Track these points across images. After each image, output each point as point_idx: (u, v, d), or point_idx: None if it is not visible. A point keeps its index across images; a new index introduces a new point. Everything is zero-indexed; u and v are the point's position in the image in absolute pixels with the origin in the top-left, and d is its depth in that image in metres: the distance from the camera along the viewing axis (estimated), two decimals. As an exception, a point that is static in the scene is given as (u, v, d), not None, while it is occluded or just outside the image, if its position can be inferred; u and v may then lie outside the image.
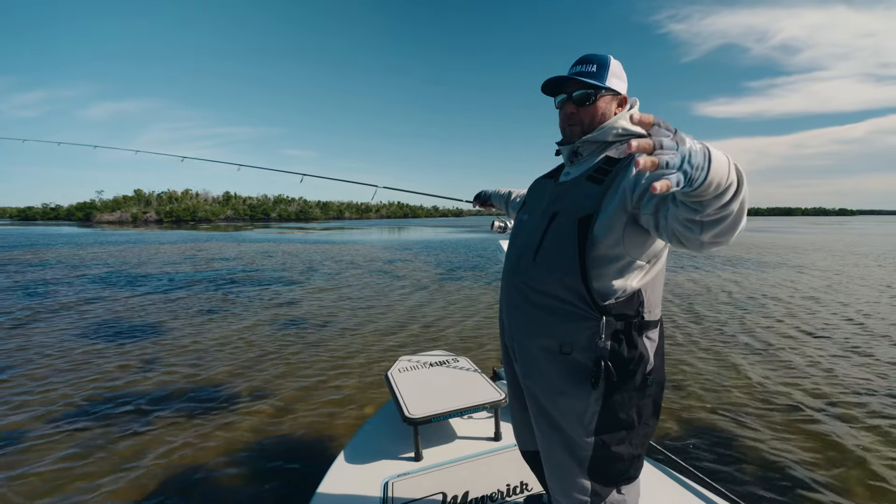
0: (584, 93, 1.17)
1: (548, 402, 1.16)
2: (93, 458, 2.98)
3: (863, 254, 18.01)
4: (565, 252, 1.08)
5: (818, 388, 4.13)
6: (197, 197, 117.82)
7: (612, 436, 1.10)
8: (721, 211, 0.76)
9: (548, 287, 1.12)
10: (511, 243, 1.34)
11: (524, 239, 1.23)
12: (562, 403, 1.13)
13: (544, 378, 1.16)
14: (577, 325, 1.09)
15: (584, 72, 1.17)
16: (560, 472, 1.17)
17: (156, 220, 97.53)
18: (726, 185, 0.72)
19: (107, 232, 42.24)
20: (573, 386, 1.10)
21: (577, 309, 1.08)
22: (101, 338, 5.86)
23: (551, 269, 1.10)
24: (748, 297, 8.69)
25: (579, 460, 1.13)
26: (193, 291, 9.51)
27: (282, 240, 29.14)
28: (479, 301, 8.46)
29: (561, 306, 1.10)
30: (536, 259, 1.14)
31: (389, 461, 1.98)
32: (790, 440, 3.18)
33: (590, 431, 1.10)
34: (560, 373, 1.12)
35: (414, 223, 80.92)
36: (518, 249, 1.25)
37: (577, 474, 1.13)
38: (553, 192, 1.23)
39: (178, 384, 4.26)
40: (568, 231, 1.08)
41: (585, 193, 1.09)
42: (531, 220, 1.25)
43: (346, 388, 4.15)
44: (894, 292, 9.21)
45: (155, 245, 23.59)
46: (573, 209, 1.10)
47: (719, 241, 0.83)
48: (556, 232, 1.12)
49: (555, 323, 1.12)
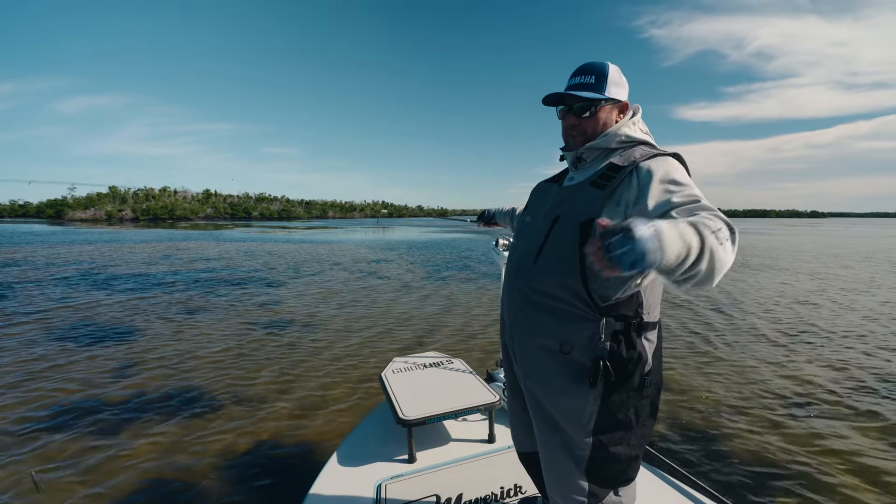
0: (584, 106, 1.20)
1: (547, 401, 1.17)
2: (70, 467, 2.86)
3: (840, 255, 18.72)
4: (567, 255, 1.09)
5: (811, 389, 4.24)
6: (175, 194, 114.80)
7: (609, 436, 1.11)
8: (688, 272, 0.78)
9: (549, 288, 1.13)
10: (514, 245, 1.36)
11: (527, 241, 1.24)
12: (561, 403, 1.14)
13: (544, 378, 1.17)
14: (577, 326, 1.10)
15: (583, 83, 1.19)
16: (558, 472, 1.17)
17: (132, 218, 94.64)
18: (685, 256, 0.75)
19: (79, 230, 40.78)
20: (572, 385, 1.11)
21: (577, 310, 1.09)
22: (72, 341, 5.64)
23: (552, 271, 1.12)
24: (737, 299, 8.92)
25: (577, 461, 1.14)
26: (171, 292, 9.26)
27: (264, 239, 28.66)
28: (472, 302, 8.48)
29: (561, 307, 1.11)
30: (538, 261, 1.16)
31: (382, 463, 1.96)
32: (783, 442, 3.25)
33: (588, 431, 1.11)
34: (560, 372, 1.13)
35: (399, 223, 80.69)
36: (520, 251, 1.26)
37: (574, 475, 1.14)
38: (556, 196, 1.24)
39: (158, 389, 4.13)
40: (570, 234, 1.10)
41: (588, 198, 1.11)
42: (534, 222, 1.27)
43: (337, 390, 4.10)
44: (880, 294, 9.59)
45: (130, 244, 22.90)
46: (576, 213, 1.11)
47: (700, 289, 0.85)
48: (558, 235, 1.13)
49: (555, 323, 1.13)
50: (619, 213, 1.05)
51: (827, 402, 3.91)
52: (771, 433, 3.35)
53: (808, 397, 4.02)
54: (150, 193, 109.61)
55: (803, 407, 3.81)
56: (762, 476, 2.82)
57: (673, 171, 1.05)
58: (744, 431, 3.38)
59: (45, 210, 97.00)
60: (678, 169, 1.06)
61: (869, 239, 32.87)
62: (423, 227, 54.98)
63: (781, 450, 3.12)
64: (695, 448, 3.14)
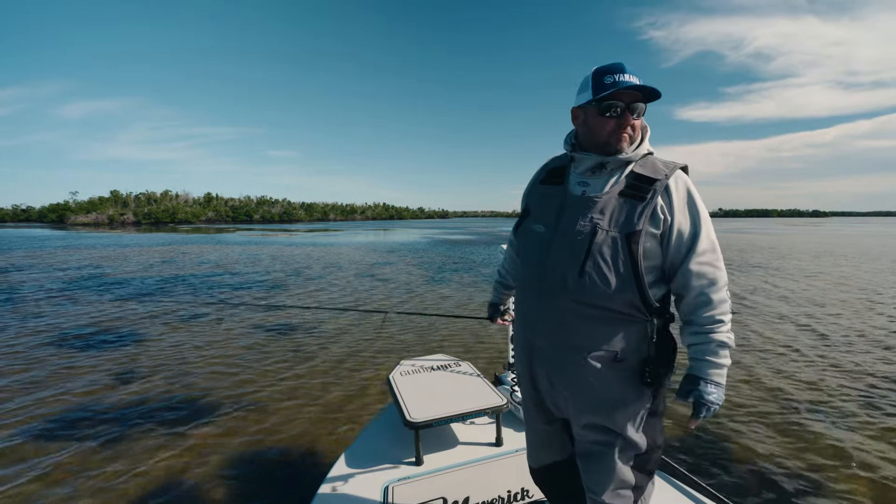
0: (645, 106, 1.16)
1: (606, 412, 1.16)
2: (75, 474, 2.85)
3: (849, 255, 18.65)
4: (619, 267, 1.09)
5: (812, 389, 4.22)
6: (177, 198, 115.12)
7: (652, 427, 1.19)
8: None
9: (600, 301, 1.11)
10: (530, 256, 1.26)
11: (555, 253, 1.18)
12: (622, 409, 1.16)
13: (603, 389, 1.15)
14: (630, 331, 1.13)
15: (640, 84, 1.11)
16: (609, 473, 1.18)
17: (133, 221, 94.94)
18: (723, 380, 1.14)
19: (82, 234, 40.89)
20: (631, 389, 1.15)
21: (630, 317, 1.12)
22: (75, 347, 5.65)
23: (605, 284, 1.10)
24: (739, 298, 8.89)
25: (628, 458, 1.18)
26: (174, 296, 9.28)
27: (266, 242, 28.69)
28: (478, 304, 8.47)
29: (615, 316, 1.12)
30: (584, 275, 1.11)
31: (390, 465, 1.96)
32: (782, 441, 3.24)
33: (640, 429, 1.17)
34: (618, 380, 1.15)
35: (400, 224, 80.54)
36: (550, 265, 1.18)
37: (625, 472, 1.17)
38: (579, 204, 1.17)
39: (162, 395, 4.12)
40: (618, 247, 1.10)
41: (627, 210, 1.11)
42: (549, 231, 1.21)
43: (345, 392, 4.10)
44: (879, 296, 9.55)
45: (135, 248, 22.96)
46: (618, 226, 1.10)
47: None
48: (603, 248, 1.10)
49: (609, 333, 1.13)
50: (658, 223, 1.11)
51: (832, 403, 3.89)
52: (770, 432, 3.33)
53: (813, 398, 4.00)
54: (151, 197, 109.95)
55: (803, 406, 3.80)
56: (758, 474, 2.81)
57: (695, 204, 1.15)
58: (741, 431, 3.36)
59: (47, 214, 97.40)
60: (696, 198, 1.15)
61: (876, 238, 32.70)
62: (425, 229, 54.94)
63: (778, 448, 3.10)
64: (690, 447, 3.13)
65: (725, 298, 1.12)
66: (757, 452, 3.07)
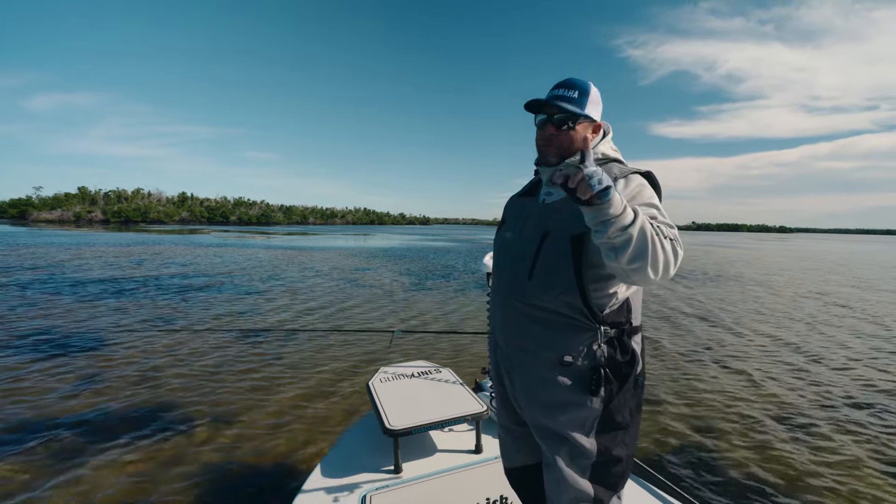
0: (564, 117, 1.21)
1: (550, 414, 1.19)
2: (31, 490, 2.70)
3: (814, 268, 19.53)
4: (562, 270, 1.12)
5: (786, 399, 4.38)
6: (149, 197, 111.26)
7: (611, 439, 1.16)
8: (622, 234, 0.90)
9: (547, 304, 1.15)
10: (498, 262, 1.35)
11: (515, 258, 1.25)
12: (566, 414, 1.16)
13: (547, 391, 1.18)
14: (577, 337, 1.14)
15: (566, 97, 1.20)
16: (565, 482, 1.18)
17: (102, 220, 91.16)
18: (621, 211, 0.90)
19: (45, 231, 39.00)
20: (576, 395, 1.15)
21: (576, 322, 1.13)
22: (28, 353, 5.36)
23: (549, 287, 1.14)
24: (711, 310, 9.18)
25: (583, 468, 1.17)
26: (139, 299, 8.94)
27: (242, 245, 28.02)
28: (459, 311, 8.47)
29: (561, 320, 1.14)
30: (532, 278, 1.17)
31: (368, 474, 1.93)
32: (757, 449, 3.34)
33: (592, 438, 1.16)
34: (562, 384, 1.16)
35: (381, 230, 79.83)
36: (510, 269, 1.26)
37: (581, 483, 1.16)
38: (540, 212, 1.24)
39: (126, 403, 3.95)
40: (562, 250, 1.13)
41: (576, 213, 1.12)
42: (515, 238, 1.28)
43: (321, 400, 4.02)
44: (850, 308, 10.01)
45: (101, 246, 22.02)
46: (565, 228, 1.14)
47: (637, 266, 0.93)
48: (550, 251, 1.15)
49: (555, 337, 1.16)
50: None
51: (805, 413, 4.04)
52: (747, 441, 3.44)
53: (787, 407, 4.15)
54: (122, 195, 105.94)
55: (777, 416, 3.94)
56: (735, 481, 2.89)
57: (644, 189, 1.14)
58: (719, 440, 3.46)
59: (6, 210, 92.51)
60: (647, 187, 1.15)
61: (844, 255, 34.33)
62: (405, 235, 54.75)
63: (753, 455, 3.20)
64: (669, 454, 3.20)
65: (669, 223, 1.05)
66: (735, 461, 3.16)
